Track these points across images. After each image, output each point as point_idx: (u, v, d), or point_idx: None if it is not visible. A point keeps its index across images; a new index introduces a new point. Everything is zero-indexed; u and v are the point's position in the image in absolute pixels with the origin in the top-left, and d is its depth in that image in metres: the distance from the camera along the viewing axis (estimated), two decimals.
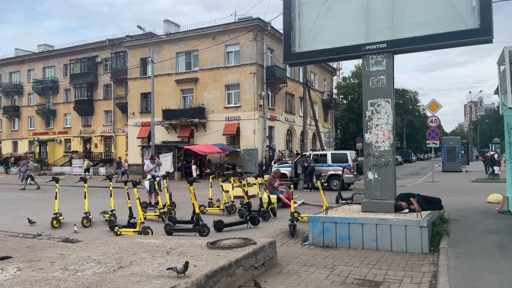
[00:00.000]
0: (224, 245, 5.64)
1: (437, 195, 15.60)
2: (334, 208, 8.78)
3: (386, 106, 7.94)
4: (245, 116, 29.49)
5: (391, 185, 7.88)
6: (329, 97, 43.85)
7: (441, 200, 8.27)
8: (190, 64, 32.18)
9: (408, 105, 75.97)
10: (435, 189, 18.09)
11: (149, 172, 12.46)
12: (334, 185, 18.26)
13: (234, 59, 30.58)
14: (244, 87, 29.82)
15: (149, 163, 12.71)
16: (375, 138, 8.03)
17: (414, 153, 68.96)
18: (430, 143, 22.18)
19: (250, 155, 29.05)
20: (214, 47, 30.46)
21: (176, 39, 32.17)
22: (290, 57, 8.85)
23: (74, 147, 43.61)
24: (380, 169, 7.94)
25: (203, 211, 11.28)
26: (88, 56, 41.92)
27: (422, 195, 8.21)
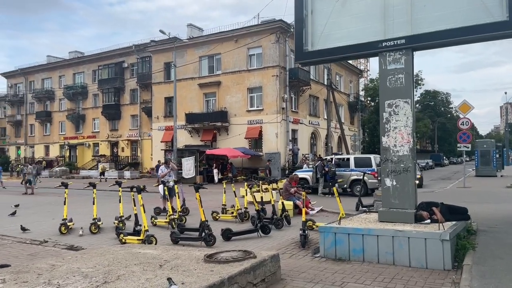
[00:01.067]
0: (221, 258, 5.22)
1: (468, 201, 14.67)
2: (350, 217, 8.19)
3: (405, 107, 7.32)
4: (268, 119, 29.06)
5: (410, 193, 7.24)
6: (356, 99, 42.80)
7: (468, 209, 7.53)
8: (212, 68, 32.11)
9: (439, 107, 73.57)
10: (465, 195, 17.06)
11: (163, 177, 12.22)
12: (357, 190, 17.50)
13: (256, 62, 30.26)
14: (267, 90, 29.42)
15: (164, 168, 12.47)
16: (393, 142, 7.42)
17: (446, 157, 66.47)
18: (461, 146, 21.02)
19: (272, 158, 28.54)
20: (236, 50, 30.25)
21: (199, 43, 32.18)
22: (302, 56, 8.37)
23: (102, 151, 44.46)
24: (398, 176, 7.32)
25: (215, 218, 10.94)
26: (115, 61, 42.72)
27: (446, 204, 7.51)
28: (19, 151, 51.35)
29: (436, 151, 65.06)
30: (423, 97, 73.15)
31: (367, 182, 17.25)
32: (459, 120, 21.25)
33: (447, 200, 15.21)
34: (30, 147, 50.74)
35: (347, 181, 17.77)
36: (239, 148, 28.13)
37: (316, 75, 34.46)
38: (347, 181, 17.77)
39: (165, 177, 12.09)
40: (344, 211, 11.79)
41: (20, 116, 51.09)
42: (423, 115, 59.50)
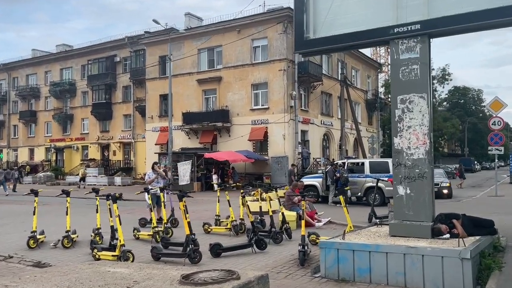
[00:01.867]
0: (199, 280, 4.92)
1: (498, 212, 14.20)
2: (357, 231, 7.88)
3: (421, 103, 7.01)
4: (274, 119, 28.80)
5: (427, 202, 6.92)
6: (374, 97, 42.35)
7: (494, 222, 7.18)
8: (213, 62, 31.97)
9: (470, 105, 72.72)
10: (496, 205, 16.62)
11: (150, 184, 12.01)
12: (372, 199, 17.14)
13: (261, 55, 30.06)
14: (273, 86, 29.18)
15: (150, 173, 12.26)
16: (407, 143, 7.11)
17: (478, 161, 65.51)
18: (493, 149, 20.56)
19: (279, 163, 28.29)
20: (239, 41, 30.07)
21: (198, 34, 32.08)
22: (302, 45, 8.10)
23: (91, 155, 44.54)
24: (413, 183, 7.01)
25: (207, 230, 10.70)
26: (106, 55, 42.77)
27: (469, 216, 7.18)
28: (1, 155, 51.67)
29: (466, 155, 64.13)
30: (452, 95, 72.29)
31: (384, 189, 16.88)
32: (490, 120, 20.79)
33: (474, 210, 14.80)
34: (14, 150, 51.05)
35: (361, 189, 17.42)
36: (242, 151, 27.89)
37: (329, 70, 34.12)
38: (361, 189, 17.42)
39: (152, 184, 11.87)
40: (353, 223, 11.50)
41: (3, 116, 51.41)
42: (450, 114, 58.73)
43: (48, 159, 47.35)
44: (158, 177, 12.10)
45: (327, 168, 18.45)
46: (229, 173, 27.45)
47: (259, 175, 28.82)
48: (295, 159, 29.07)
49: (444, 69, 47.26)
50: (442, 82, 47.38)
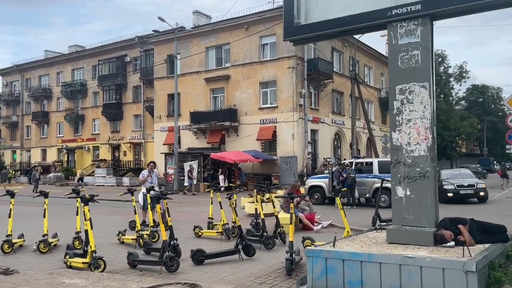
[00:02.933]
0: None
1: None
2: (354, 236, 7.10)
3: (422, 93, 6.22)
4: (283, 118, 28.03)
5: (429, 205, 6.13)
6: (388, 95, 41.14)
7: (506, 228, 6.33)
8: (221, 60, 31.38)
9: (489, 104, 70.71)
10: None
11: (143, 183, 11.40)
12: (382, 201, 16.25)
13: (270, 53, 29.35)
14: (282, 84, 28.42)
15: (145, 172, 11.66)
16: (406, 138, 6.34)
17: (497, 161, 63.51)
18: (511, 148, 19.44)
19: (288, 163, 27.53)
20: (247, 39, 29.42)
21: (206, 32, 31.54)
22: (292, 32, 7.39)
23: (102, 155, 44.42)
24: (413, 183, 6.23)
25: (198, 234, 10.04)
26: (116, 55, 42.61)
27: (478, 221, 6.35)
28: (15, 156, 52.02)
29: (485, 155, 62.27)
30: (470, 93, 70.41)
31: None
32: (508, 117, 19.62)
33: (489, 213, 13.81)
34: (27, 151, 51.33)
35: (369, 190, 16.57)
36: (249, 151, 27.21)
37: (340, 67, 33.22)
38: (369, 190, 16.57)
39: (145, 184, 11.26)
40: (357, 226, 10.71)
41: (16, 117, 51.75)
42: (468, 113, 57.06)
43: (60, 159, 47.42)
44: (152, 176, 11.48)
45: (334, 168, 17.61)
46: (236, 174, 26.77)
47: (267, 176, 28.09)
48: (304, 159, 28.28)
49: (461, 66, 45.87)
50: (459, 80, 45.90)
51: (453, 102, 45.94)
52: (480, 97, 70.77)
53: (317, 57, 29.38)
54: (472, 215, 7.30)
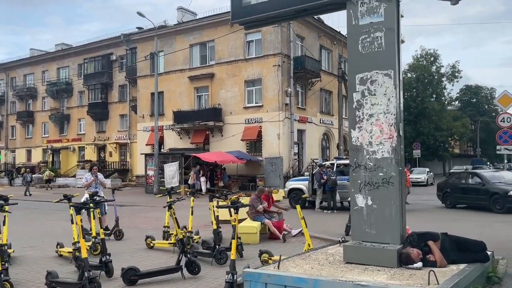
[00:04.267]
0: None
1: (505, 220, 12.17)
2: (309, 253, 6.05)
3: (386, 83, 5.19)
4: (268, 117, 26.97)
5: (394, 217, 5.10)
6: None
7: (485, 245, 5.30)
8: (205, 58, 30.30)
9: (483, 104, 69.80)
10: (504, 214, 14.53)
11: (86, 188, 10.33)
12: None
13: (255, 50, 28.31)
14: (267, 82, 27.37)
15: (88, 176, 10.57)
16: (368, 137, 5.31)
17: (490, 162, 62.73)
18: (502, 149, 18.44)
19: (273, 164, 26.48)
20: (232, 36, 28.30)
21: (190, 28, 30.44)
22: (240, 13, 6.36)
23: (88, 156, 43.22)
24: (376, 191, 5.20)
25: (149, 245, 8.96)
26: (102, 54, 41.46)
27: (452, 236, 5.32)
28: (0, 156, 50.72)
29: (478, 156, 61.40)
30: (463, 93, 69.55)
31: None
32: (499, 116, 18.67)
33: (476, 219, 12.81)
34: (11, 151, 50.07)
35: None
36: (233, 151, 26.13)
37: (329, 66, 32.22)
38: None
39: (89, 188, 10.19)
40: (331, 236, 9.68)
41: (1, 117, 50.48)
42: (461, 113, 56.22)
43: (45, 160, 46.17)
44: (97, 181, 10.40)
45: (315, 169, 16.58)
46: (219, 175, 25.68)
47: (252, 177, 27.07)
48: (290, 160, 27.24)
49: (453, 66, 44.88)
50: (451, 80, 44.93)
51: (445, 102, 44.94)
52: (473, 98, 69.94)
53: (304, 54, 28.36)
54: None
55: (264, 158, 27.02)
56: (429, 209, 16.39)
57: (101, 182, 10.73)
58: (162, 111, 31.89)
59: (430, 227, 10.63)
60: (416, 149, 36.66)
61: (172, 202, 6.60)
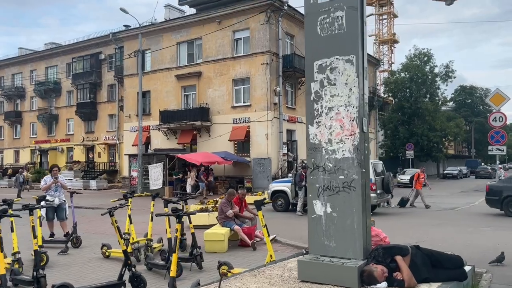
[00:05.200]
0: None
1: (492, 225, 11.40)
2: (264, 268, 5.28)
3: (348, 70, 4.43)
4: (256, 117, 26.20)
5: (356, 228, 4.34)
6: (372, 95, 39.52)
7: (463, 260, 4.55)
8: (193, 56, 29.50)
9: (477, 105, 69.35)
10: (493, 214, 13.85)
11: (45, 191, 9.55)
12: None
13: (243, 48, 27.51)
14: (255, 81, 26.60)
15: (48, 178, 9.78)
16: (327, 134, 4.55)
17: (485, 163, 62.24)
18: (494, 149, 17.72)
19: (261, 165, 25.72)
20: (220, 34, 27.60)
21: (177, 26, 29.62)
22: None
23: (76, 157, 42.37)
24: (336, 196, 4.44)
25: (105, 254, 8.17)
26: (91, 53, 40.60)
27: (425, 250, 4.55)
28: None
29: (473, 156, 60.91)
30: (458, 94, 69.07)
31: None
32: (491, 115, 17.98)
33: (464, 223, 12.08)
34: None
35: None
36: (219, 152, 25.34)
37: None
38: None
39: (49, 192, 9.40)
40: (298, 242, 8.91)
41: None
42: (455, 113, 55.63)
43: (33, 161, 45.26)
44: (57, 183, 9.61)
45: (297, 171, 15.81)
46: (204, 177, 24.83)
47: (240, 179, 26.27)
48: (279, 161, 26.47)
49: (447, 66, 44.17)
50: (445, 80, 44.22)
51: (439, 103, 44.20)
52: (468, 98, 69.49)
53: (293, 53, 27.61)
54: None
55: (252, 159, 26.25)
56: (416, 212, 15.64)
57: (62, 185, 9.94)
58: (149, 111, 31.11)
59: (412, 232, 9.90)
60: (409, 150, 35.92)
61: (112, 209, 5.79)
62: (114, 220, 5.79)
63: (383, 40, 68.44)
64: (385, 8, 67.43)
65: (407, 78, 41.96)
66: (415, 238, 9.40)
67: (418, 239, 9.21)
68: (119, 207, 6.37)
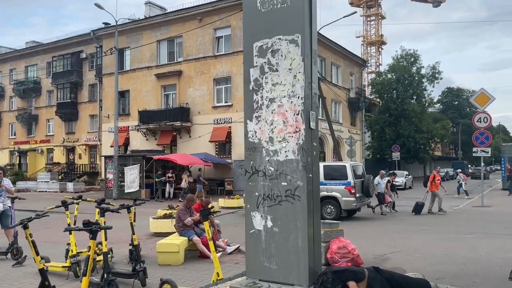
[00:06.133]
0: None
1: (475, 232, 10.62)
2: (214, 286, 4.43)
3: (292, 53, 3.62)
4: (238, 117, 25.31)
5: (300, 247, 3.52)
6: (358, 96, 38.90)
7: (428, 284, 3.75)
8: (173, 54, 28.61)
9: (464, 107, 69.31)
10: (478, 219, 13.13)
11: None
12: (328, 212, 13.74)
13: (225, 46, 26.71)
14: (237, 80, 25.75)
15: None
16: (268, 131, 3.74)
17: (472, 165, 62.10)
18: (478, 151, 17.17)
19: (243, 167, 24.75)
20: (200, 32, 26.76)
21: (157, 24, 28.72)
22: None
23: (56, 158, 41.16)
24: (277, 208, 3.62)
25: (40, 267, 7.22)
26: (72, 51, 39.47)
27: (386, 272, 3.74)
28: None
29: (459, 158, 60.71)
30: (445, 96, 68.96)
31: (340, 201, 13.49)
32: (475, 116, 17.49)
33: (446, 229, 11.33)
34: None
35: None
36: (199, 154, 24.45)
37: None
38: None
39: None
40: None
41: None
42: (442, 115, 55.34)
43: (12, 163, 43.91)
44: (2, 188, 8.68)
45: None
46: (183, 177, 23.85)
47: (221, 181, 25.43)
48: None
49: (434, 67, 43.69)
50: (432, 81, 43.75)
51: (425, 104, 43.74)
52: (455, 100, 69.44)
53: None
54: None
55: (233, 161, 25.41)
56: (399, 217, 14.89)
57: (7, 189, 9.01)
58: (128, 111, 30.15)
59: (389, 240, 9.07)
60: (395, 152, 35.30)
61: (25, 221, 4.89)
62: (28, 234, 4.90)
63: (370, 41, 68.06)
64: (372, 10, 67.05)
65: (394, 79, 41.42)
66: (391, 247, 8.65)
67: (394, 248, 8.45)
68: (36, 217, 5.45)
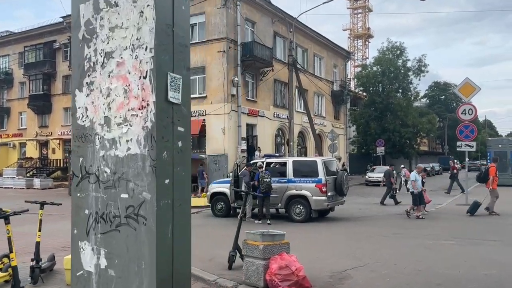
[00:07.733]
0: None
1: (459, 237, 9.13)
2: None
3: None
4: (212, 109, 23.82)
5: None
6: (342, 89, 37.54)
7: None
8: None
9: (451, 101, 68.41)
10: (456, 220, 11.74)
11: None
12: (297, 213, 12.32)
13: (198, 34, 25.04)
14: (211, 70, 24.20)
15: None
16: (103, 107, 2.22)
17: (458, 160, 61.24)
18: (462, 145, 15.91)
19: (217, 162, 23.43)
20: None
21: None
22: None
23: (29, 153, 39.24)
24: (114, 235, 2.15)
25: None
26: (44, 41, 37.52)
27: None
28: None
29: (446, 153, 59.82)
30: (431, 90, 68.02)
31: (310, 200, 12.05)
32: (459, 108, 16.19)
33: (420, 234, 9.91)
34: None
35: (282, 198, 12.53)
36: None
37: (285, 55, 29.24)
38: (282, 198, 12.53)
39: None
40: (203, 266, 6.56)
41: None
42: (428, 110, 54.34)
43: None
44: None
45: (241, 169, 13.52)
46: None
47: (194, 177, 23.85)
48: (237, 157, 24.16)
49: (420, 59, 42.42)
50: (418, 74, 42.54)
51: (411, 98, 42.53)
52: (442, 95, 68.58)
53: (253, 40, 25.31)
54: None
55: (207, 155, 23.91)
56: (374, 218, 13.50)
57: None
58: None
59: (356, 249, 7.50)
60: (379, 147, 34.06)
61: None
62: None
63: (357, 34, 66.81)
64: (359, 2, 65.71)
65: (379, 72, 40.13)
66: (356, 258, 7.22)
67: (359, 262, 7.01)
68: None
